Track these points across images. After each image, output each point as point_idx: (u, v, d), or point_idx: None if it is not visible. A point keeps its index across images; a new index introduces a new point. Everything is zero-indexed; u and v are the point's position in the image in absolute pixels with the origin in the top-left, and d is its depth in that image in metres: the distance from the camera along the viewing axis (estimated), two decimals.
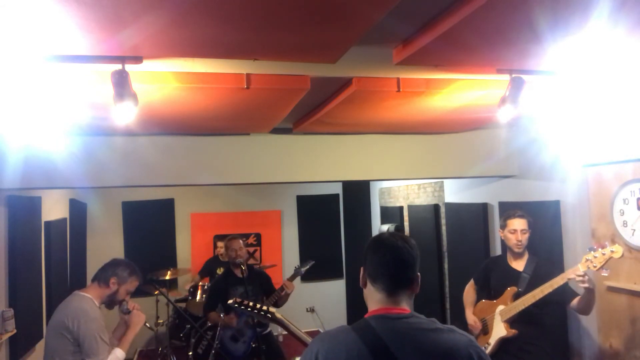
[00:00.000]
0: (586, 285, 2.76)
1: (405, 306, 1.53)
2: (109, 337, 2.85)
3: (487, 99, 2.90)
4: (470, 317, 3.43)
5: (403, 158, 4.23)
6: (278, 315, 2.35)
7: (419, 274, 1.56)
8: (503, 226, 3.27)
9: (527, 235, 3.19)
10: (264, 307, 2.40)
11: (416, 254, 1.55)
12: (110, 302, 2.83)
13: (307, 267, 4.58)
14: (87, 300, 2.69)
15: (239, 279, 4.18)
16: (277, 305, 4.20)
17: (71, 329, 2.54)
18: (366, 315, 1.54)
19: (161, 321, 6.05)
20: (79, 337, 2.54)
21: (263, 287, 4.38)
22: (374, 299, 1.55)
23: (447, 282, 5.48)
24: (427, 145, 4.25)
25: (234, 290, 4.22)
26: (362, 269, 1.59)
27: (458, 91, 2.76)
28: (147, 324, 3.00)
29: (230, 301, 2.53)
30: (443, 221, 5.50)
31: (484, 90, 2.76)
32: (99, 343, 2.56)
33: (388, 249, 1.54)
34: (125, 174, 3.71)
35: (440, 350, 1.42)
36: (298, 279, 4.57)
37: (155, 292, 5.65)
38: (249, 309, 2.43)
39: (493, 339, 3.20)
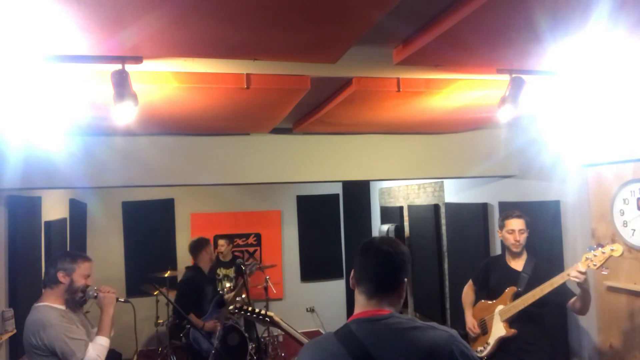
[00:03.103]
0: (579, 280, 2.76)
1: (386, 308, 1.52)
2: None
3: (487, 99, 2.90)
4: (470, 321, 3.42)
5: (403, 158, 4.23)
6: (276, 318, 2.44)
7: (405, 279, 1.55)
8: (501, 226, 3.28)
9: (525, 235, 3.20)
10: (262, 312, 2.51)
11: (403, 260, 1.54)
12: (73, 295, 2.64)
13: (248, 263, 4.79)
14: (42, 309, 2.56)
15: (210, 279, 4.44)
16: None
17: (36, 344, 2.46)
18: (348, 320, 1.55)
19: (161, 321, 6.04)
20: (47, 347, 2.45)
21: None
22: (357, 301, 1.57)
23: (447, 282, 5.48)
24: (427, 145, 4.25)
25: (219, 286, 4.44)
26: (352, 271, 1.61)
27: (458, 91, 2.76)
28: (121, 299, 2.78)
29: (231, 307, 2.64)
30: (443, 221, 5.50)
31: (484, 90, 2.76)
32: (69, 343, 2.46)
33: (373, 253, 1.55)
34: (125, 174, 3.70)
35: (420, 349, 1.42)
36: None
37: (155, 292, 5.64)
38: (248, 314, 2.53)
39: (492, 339, 3.20)
